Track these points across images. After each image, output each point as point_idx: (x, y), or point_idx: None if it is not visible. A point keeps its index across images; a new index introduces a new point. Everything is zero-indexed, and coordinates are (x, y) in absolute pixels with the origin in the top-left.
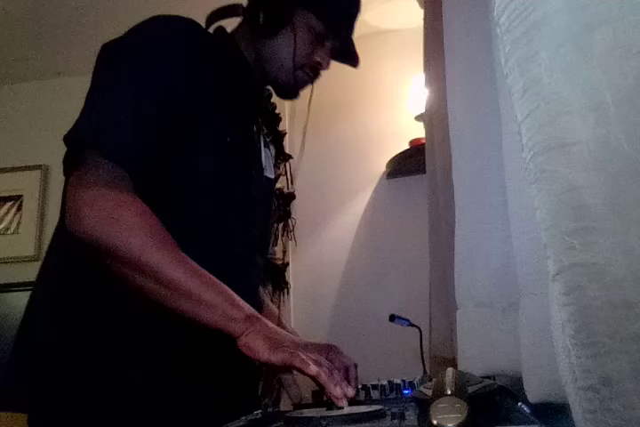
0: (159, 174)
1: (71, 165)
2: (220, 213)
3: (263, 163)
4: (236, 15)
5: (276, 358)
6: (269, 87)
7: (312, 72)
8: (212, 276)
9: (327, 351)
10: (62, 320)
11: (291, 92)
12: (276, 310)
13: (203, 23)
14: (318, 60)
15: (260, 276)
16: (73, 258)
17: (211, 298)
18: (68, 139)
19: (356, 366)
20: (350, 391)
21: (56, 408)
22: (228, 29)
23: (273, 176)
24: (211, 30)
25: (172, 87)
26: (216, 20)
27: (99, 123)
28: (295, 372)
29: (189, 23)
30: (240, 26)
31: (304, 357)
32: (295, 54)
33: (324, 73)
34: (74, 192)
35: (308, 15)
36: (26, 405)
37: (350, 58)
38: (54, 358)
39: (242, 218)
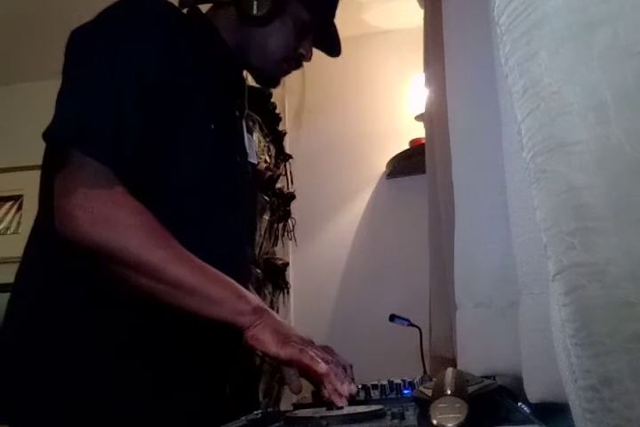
0: (143, 166)
1: (54, 161)
2: (206, 202)
3: (247, 148)
4: (213, 1)
5: (284, 353)
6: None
7: (295, 63)
8: (215, 270)
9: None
10: (48, 324)
11: (272, 82)
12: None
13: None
14: (302, 51)
15: (249, 266)
16: (58, 259)
17: (216, 293)
18: (47, 136)
19: (351, 367)
20: (353, 388)
21: (40, 416)
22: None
23: (256, 162)
24: (184, 12)
25: (151, 75)
26: (191, 4)
27: (79, 118)
28: None
29: (163, 4)
30: (220, 10)
31: (313, 354)
32: (283, 46)
33: (323, 73)
34: (62, 195)
35: (299, 7)
36: (8, 413)
37: (331, 47)
38: (40, 362)
39: (228, 206)
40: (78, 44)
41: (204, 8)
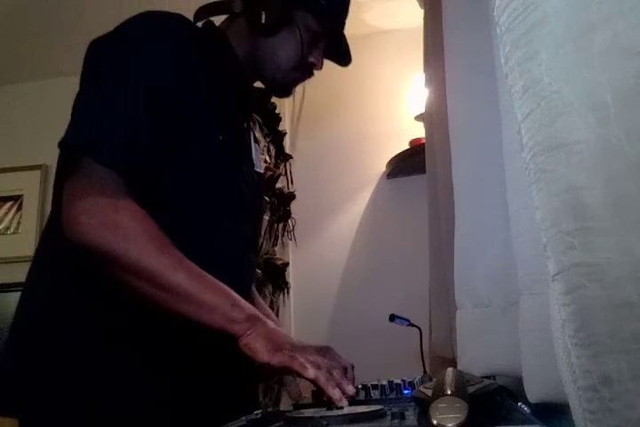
0: (151, 175)
1: (65, 168)
2: (211, 212)
3: (253, 158)
4: (227, 13)
5: (275, 360)
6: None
7: (306, 72)
8: (212, 277)
9: (324, 353)
10: (58, 324)
11: (285, 91)
12: (267, 308)
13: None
14: (313, 60)
15: (253, 274)
16: (67, 259)
17: (211, 300)
18: (62, 144)
19: (352, 367)
20: (350, 389)
21: (51, 412)
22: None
23: (262, 171)
24: (199, 24)
25: (162, 87)
26: (205, 17)
27: (92, 128)
28: None
29: (178, 19)
30: (232, 22)
31: (302, 360)
32: (293, 55)
33: (323, 73)
34: (70, 200)
35: (308, 16)
36: (17, 409)
37: (341, 56)
38: (49, 362)
39: (233, 216)
40: (96, 55)
41: (217, 21)
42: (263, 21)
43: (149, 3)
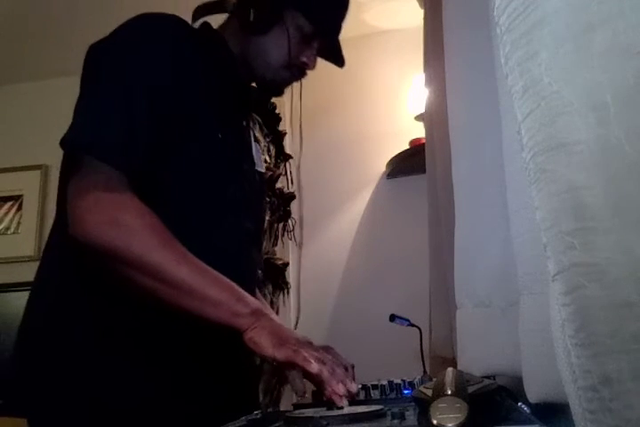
0: (153, 173)
1: (69, 167)
2: (213, 210)
3: (254, 157)
4: (223, 11)
5: (280, 354)
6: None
7: (298, 71)
8: (216, 272)
9: (324, 352)
10: (63, 323)
11: (275, 90)
12: (268, 306)
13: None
14: (305, 60)
15: (258, 271)
16: (72, 258)
17: (215, 294)
18: (63, 143)
19: (353, 367)
20: (354, 387)
21: (57, 411)
22: (213, 24)
23: (263, 170)
24: (197, 25)
25: (162, 87)
26: (202, 16)
27: (93, 127)
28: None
29: (175, 20)
30: (227, 22)
31: (306, 354)
32: (283, 54)
33: (323, 73)
34: (74, 198)
35: (298, 15)
36: (26, 409)
37: (336, 57)
38: (54, 361)
39: (236, 214)
40: (95, 58)
41: (216, 22)
42: (252, 19)
43: (149, 3)
